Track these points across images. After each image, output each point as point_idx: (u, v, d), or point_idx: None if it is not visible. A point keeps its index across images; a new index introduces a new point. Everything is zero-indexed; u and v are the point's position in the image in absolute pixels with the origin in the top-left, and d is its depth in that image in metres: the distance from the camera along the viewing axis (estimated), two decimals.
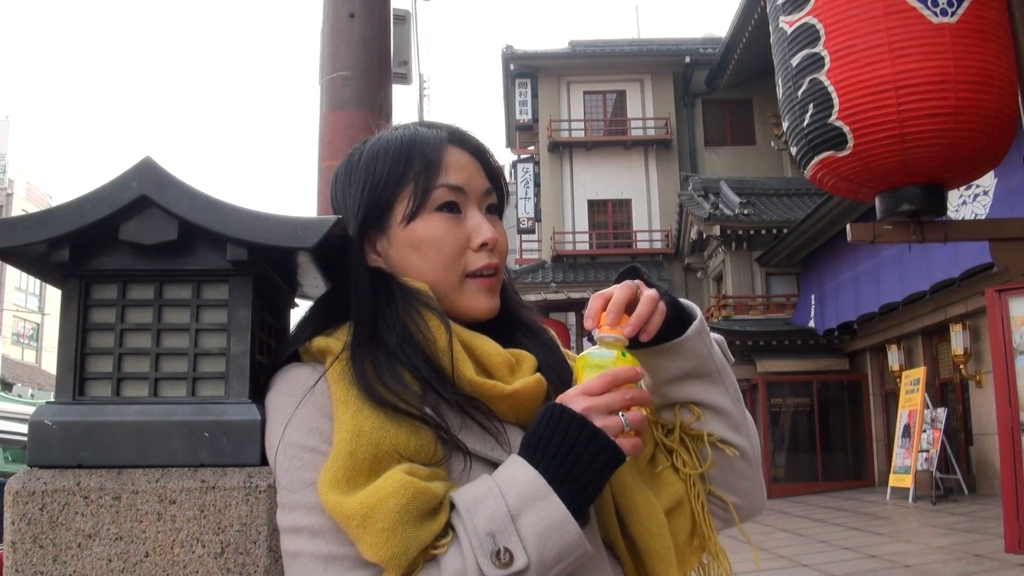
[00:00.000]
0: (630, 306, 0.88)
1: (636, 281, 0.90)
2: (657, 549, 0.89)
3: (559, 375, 0.94)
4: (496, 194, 0.99)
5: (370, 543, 0.74)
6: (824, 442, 15.44)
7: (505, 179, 1.04)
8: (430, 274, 0.92)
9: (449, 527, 0.77)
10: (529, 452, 0.79)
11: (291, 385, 0.86)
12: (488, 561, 0.73)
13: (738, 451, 0.98)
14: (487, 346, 0.89)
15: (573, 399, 0.81)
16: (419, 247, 0.92)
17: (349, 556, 0.76)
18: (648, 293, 0.89)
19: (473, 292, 0.93)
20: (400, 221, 0.93)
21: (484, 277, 0.94)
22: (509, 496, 0.76)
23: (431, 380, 0.84)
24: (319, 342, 0.89)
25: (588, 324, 0.87)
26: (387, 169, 0.94)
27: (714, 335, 1.00)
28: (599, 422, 0.79)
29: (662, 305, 0.90)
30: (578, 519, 0.77)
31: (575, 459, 0.78)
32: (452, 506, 0.78)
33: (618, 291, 0.87)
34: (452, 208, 0.93)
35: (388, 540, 0.74)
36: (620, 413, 0.80)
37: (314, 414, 0.83)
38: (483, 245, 0.93)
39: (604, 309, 0.86)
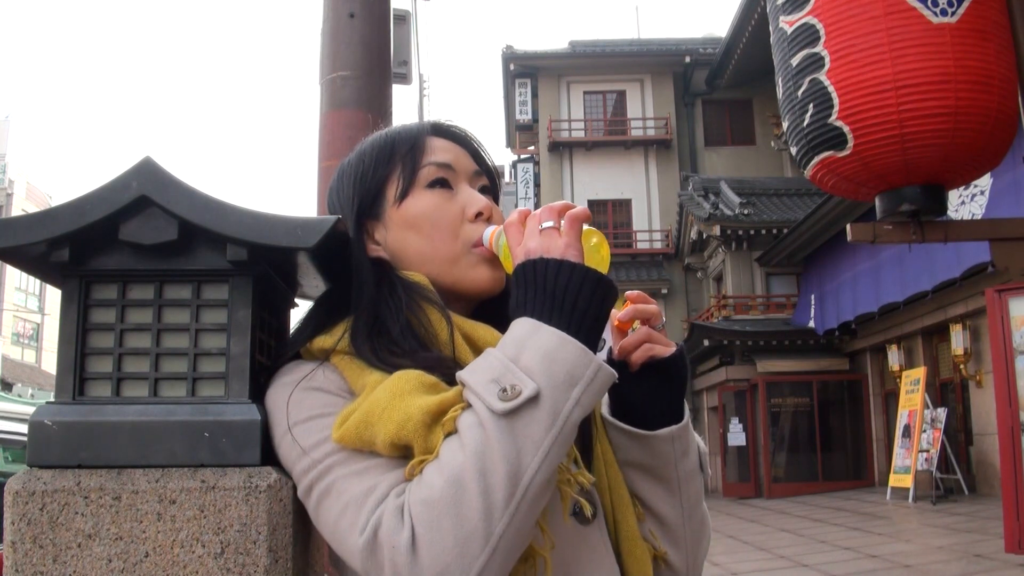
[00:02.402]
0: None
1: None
2: (635, 571, 0.89)
3: None
4: (487, 177, 1.00)
5: (379, 430, 0.75)
6: (824, 442, 15.44)
7: (498, 172, 1.05)
8: (429, 250, 0.93)
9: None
10: (514, 314, 0.80)
11: (294, 379, 0.87)
12: (495, 399, 0.72)
13: (667, 564, 0.93)
14: (489, 336, 0.89)
15: (516, 258, 0.82)
16: (415, 224, 0.93)
17: (381, 463, 0.77)
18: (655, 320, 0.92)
19: (476, 263, 0.93)
20: (393, 203, 0.94)
21: (485, 247, 0.94)
22: (506, 347, 0.77)
23: (433, 368, 0.85)
24: (319, 342, 0.89)
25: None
26: (374, 157, 0.96)
27: (699, 444, 0.97)
28: (540, 248, 0.80)
29: (662, 350, 0.91)
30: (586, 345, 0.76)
31: (550, 290, 0.78)
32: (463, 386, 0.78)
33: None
34: (443, 184, 0.95)
35: (390, 416, 0.75)
36: (541, 224, 0.82)
37: (321, 394, 0.84)
38: (478, 215, 0.94)
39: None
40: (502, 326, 0.89)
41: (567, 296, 0.77)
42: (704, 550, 0.97)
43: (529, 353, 0.75)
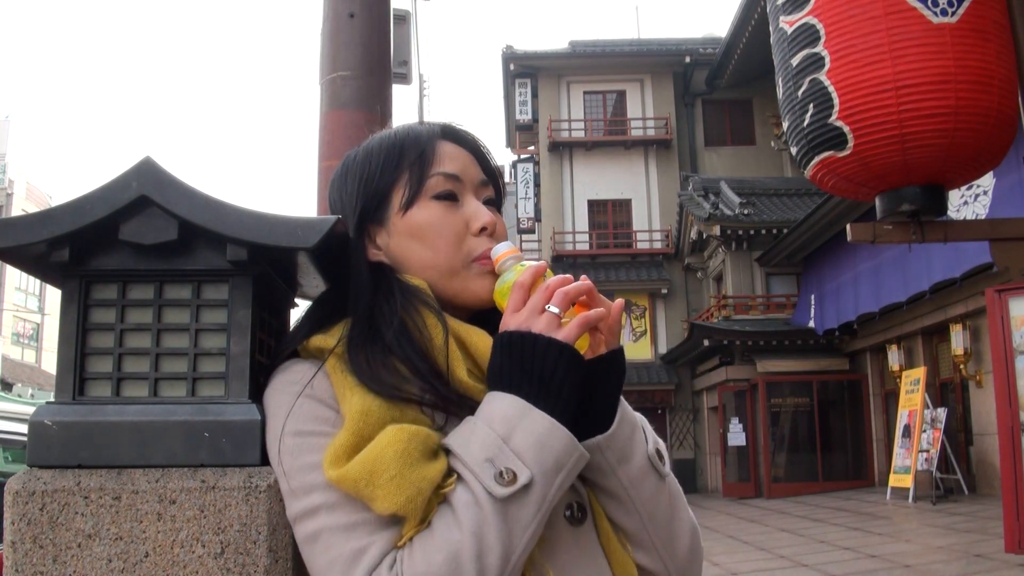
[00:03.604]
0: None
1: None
2: (620, 573, 0.88)
3: None
4: (492, 187, 1.00)
5: (382, 495, 0.75)
6: (824, 442, 15.45)
7: (501, 175, 1.05)
8: (431, 261, 0.92)
9: (452, 471, 0.78)
10: (497, 384, 0.81)
11: (289, 379, 0.87)
12: (493, 482, 0.75)
13: (641, 568, 0.90)
14: (482, 343, 0.89)
15: (507, 323, 0.83)
16: (419, 234, 0.93)
17: (370, 520, 0.77)
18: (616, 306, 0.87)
19: (477, 275, 0.93)
20: (398, 211, 0.94)
21: (488, 260, 0.93)
22: (495, 424, 0.78)
23: (427, 375, 0.85)
24: (316, 340, 0.89)
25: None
26: (381, 161, 0.95)
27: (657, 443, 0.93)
28: (537, 328, 0.81)
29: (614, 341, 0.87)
30: (565, 426, 0.79)
31: (539, 372, 0.80)
32: (448, 451, 0.79)
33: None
34: (449, 197, 0.94)
35: (399, 486, 0.75)
36: (548, 307, 0.82)
37: (316, 404, 0.83)
38: (483, 229, 0.94)
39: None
40: (494, 332, 0.89)
41: (554, 378, 0.80)
42: (684, 548, 0.92)
43: (520, 436, 0.77)
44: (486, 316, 0.95)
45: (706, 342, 16.50)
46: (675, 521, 0.92)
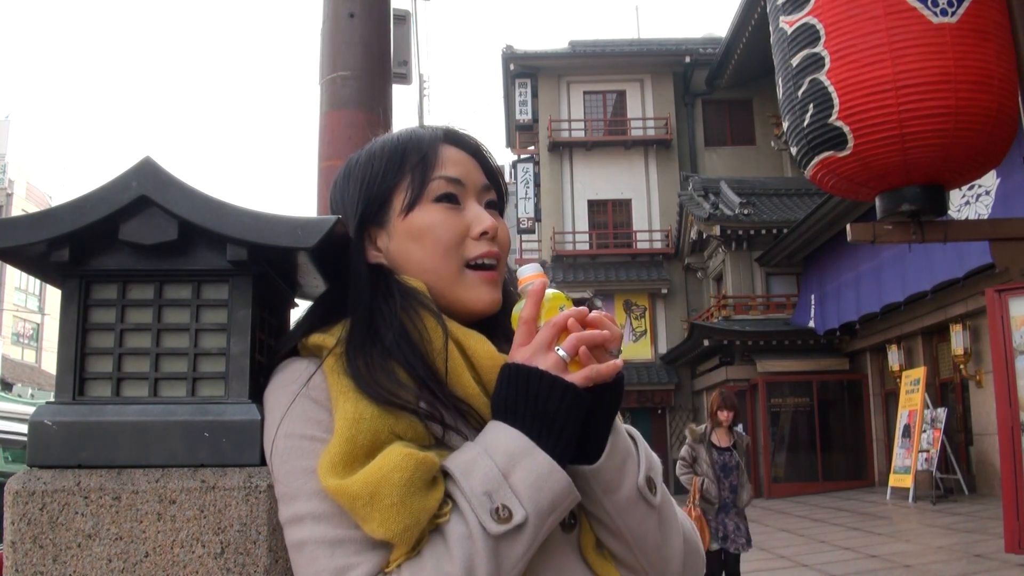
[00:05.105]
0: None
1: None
2: None
3: None
4: (495, 191, 0.99)
5: (380, 520, 0.74)
6: (824, 442, 15.45)
7: (503, 177, 1.04)
8: (429, 264, 0.92)
9: (447, 496, 0.78)
10: (503, 414, 0.81)
11: (287, 378, 0.87)
12: (489, 518, 0.75)
13: None
14: (479, 348, 0.88)
15: (514, 356, 0.83)
16: (419, 237, 0.92)
17: (356, 538, 0.76)
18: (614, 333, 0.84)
19: (474, 284, 0.93)
20: (399, 213, 0.94)
21: (485, 269, 0.93)
22: (497, 456, 0.78)
23: (426, 379, 0.84)
24: (315, 338, 0.89)
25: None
26: (384, 164, 0.95)
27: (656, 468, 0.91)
28: (544, 365, 0.80)
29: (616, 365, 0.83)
30: (562, 465, 0.79)
31: (543, 410, 0.79)
32: (446, 474, 0.79)
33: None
34: (451, 200, 0.94)
35: (399, 514, 0.74)
36: (557, 348, 0.81)
37: (311, 405, 0.83)
38: (483, 233, 0.93)
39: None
40: (494, 335, 0.90)
41: (558, 419, 0.80)
42: (675, 570, 0.91)
43: (521, 474, 0.78)
44: (488, 321, 0.95)
45: (706, 342, 16.50)
46: (665, 547, 0.90)
